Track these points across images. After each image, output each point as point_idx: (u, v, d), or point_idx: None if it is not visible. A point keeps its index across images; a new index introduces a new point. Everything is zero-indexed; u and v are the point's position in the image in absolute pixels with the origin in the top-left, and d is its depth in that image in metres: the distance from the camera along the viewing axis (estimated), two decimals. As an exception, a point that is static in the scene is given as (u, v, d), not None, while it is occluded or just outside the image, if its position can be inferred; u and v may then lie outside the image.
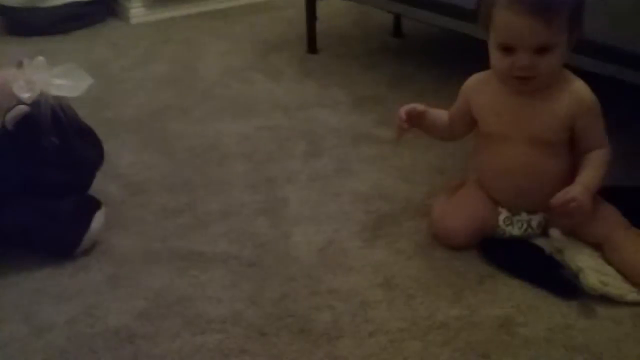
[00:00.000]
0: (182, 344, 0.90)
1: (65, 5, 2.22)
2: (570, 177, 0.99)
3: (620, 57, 1.14)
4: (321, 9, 1.92)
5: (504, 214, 1.04)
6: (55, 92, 1.07)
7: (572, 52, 0.99)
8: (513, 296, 0.96)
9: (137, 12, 2.32)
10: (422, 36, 2.04)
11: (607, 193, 1.01)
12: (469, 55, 1.17)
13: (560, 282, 0.96)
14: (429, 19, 1.57)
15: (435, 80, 1.70)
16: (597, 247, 0.99)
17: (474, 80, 1.07)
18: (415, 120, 1.08)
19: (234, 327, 0.92)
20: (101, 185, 1.23)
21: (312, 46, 1.94)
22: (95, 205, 1.12)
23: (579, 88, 0.99)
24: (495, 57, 0.98)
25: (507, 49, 0.95)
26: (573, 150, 1.01)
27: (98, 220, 1.10)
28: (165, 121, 1.56)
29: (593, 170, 0.97)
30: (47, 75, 1.07)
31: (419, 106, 1.07)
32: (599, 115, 0.99)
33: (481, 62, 1.05)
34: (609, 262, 0.97)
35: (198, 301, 0.98)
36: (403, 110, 1.07)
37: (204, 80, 1.79)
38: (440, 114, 1.10)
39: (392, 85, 1.69)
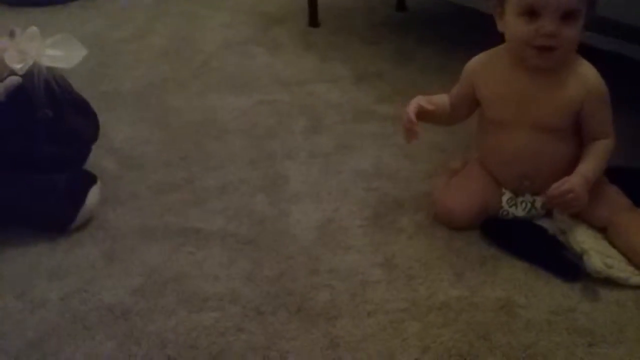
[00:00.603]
0: (178, 322, 0.88)
1: (62, -25, 2.17)
2: (576, 160, 0.97)
3: (624, 31, 1.11)
4: (323, -19, 1.88)
5: (507, 195, 1.02)
6: (48, 63, 1.04)
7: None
8: (515, 277, 0.95)
9: (135, -17, 2.26)
10: (426, 10, 2.00)
11: (611, 174, 0.99)
12: (473, 30, 1.14)
13: (564, 264, 0.94)
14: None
15: (439, 56, 1.66)
16: (602, 229, 0.97)
17: (477, 62, 1.03)
18: (422, 118, 1.02)
19: (230, 305, 0.91)
20: (97, 159, 1.21)
21: (313, 19, 1.90)
22: (90, 180, 1.10)
23: (588, 73, 0.96)
24: (516, 24, 0.93)
25: (532, 14, 0.91)
26: (579, 133, 0.98)
27: (93, 195, 1.08)
28: (162, 95, 1.53)
29: (594, 160, 0.95)
30: (40, 46, 1.04)
31: (426, 104, 1.02)
32: (607, 103, 0.96)
33: (486, 37, 1.02)
34: (613, 245, 0.95)
35: (194, 278, 0.96)
36: (411, 111, 1.00)
37: (203, 54, 1.75)
38: (442, 102, 1.06)
39: (395, 61, 1.66)
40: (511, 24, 0.94)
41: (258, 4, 2.11)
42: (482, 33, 1.04)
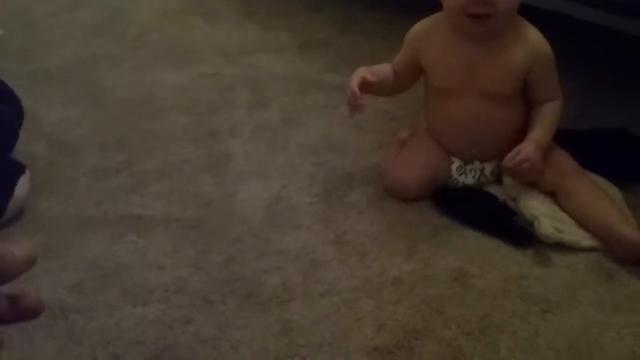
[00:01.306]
0: (122, 317, 0.84)
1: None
2: (524, 125, 0.95)
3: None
4: (262, -56, 1.79)
5: (457, 164, 1.00)
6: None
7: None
8: (467, 247, 0.93)
9: (61, -49, 2.11)
10: (370, -27, 1.94)
11: (558, 136, 0.98)
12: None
13: (515, 231, 0.94)
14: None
15: (385, 22, 1.62)
16: (551, 194, 0.97)
17: (421, 29, 0.99)
18: (366, 90, 0.99)
19: (177, 296, 0.86)
20: (26, 146, 1.13)
21: (253, -14, 1.81)
22: (18, 169, 1.02)
23: (534, 37, 0.94)
24: None
25: None
26: (527, 98, 0.97)
27: (22, 186, 1.00)
28: (95, 72, 1.44)
29: (545, 125, 0.94)
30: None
31: (369, 76, 0.98)
32: (553, 66, 0.95)
33: (430, 2, 0.98)
34: (563, 209, 0.94)
35: (137, 269, 0.91)
36: (355, 85, 0.96)
37: (137, 26, 1.65)
38: (386, 72, 1.02)
39: (340, 28, 1.61)
40: None
41: (195, -29, 2.01)
42: (426, -3, 1.00)
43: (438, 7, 0.98)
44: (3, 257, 0.36)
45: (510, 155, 0.92)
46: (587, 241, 0.91)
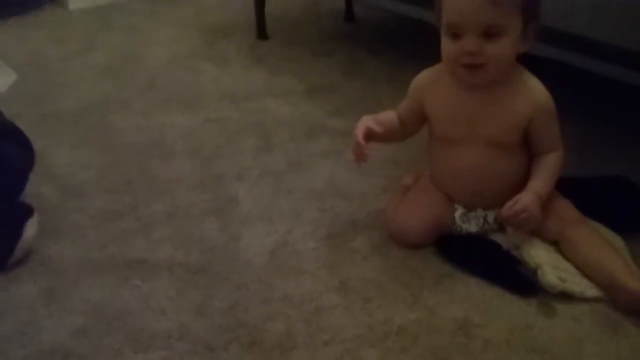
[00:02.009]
0: (124, 363, 0.83)
1: (-2, -11, 2.08)
2: (526, 174, 0.96)
3: (578, 44, 1.12)
4: (271, -8, 1.85)
5: (459, 211, 1.01)
6: (-26, 89, 0.98)
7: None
8: (471, 295, 0.93)
9: (76, -3, 2.19)
10: (375, 21, 1.99)
11: (560, 185, 0.99)
12: (422, 41, 1.13)
13: (519, 279, 0.94)
14: (381, 4, 1.53)
15: (389, 67, 1.65)
16: (553, 242, 0.97)
17: (425, 77, 1.02)
18: (371, 138, 1.00)
19: (179, 342, 0.86)
20: (34, 188, 1.15)
21: (261, 32, 1.86)
22: (27, 211, 1.03)
23: (535, 88, 0.95)
24: (445, 43, 0.94)
25: (456, 34, 0.92)
26: (528, 148, 0.98)
27: (30, 228, 1.01)
28: (105, 115, 1.47)
29: (545, 175, 0.95)
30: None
31: (374, 126, 0.99)
32: (554, 117, 0.96)
33: (434, 48, 1.00)
34: (566, 258, 0.95)
35: (141, 314, 0.91)
36: (359, 135, 0.98)
37: (148, 70, 1.69)
38: (391, 120, 1.04)
39: (346, 73, 1.64)
40: (443, 43, 0.95)
41: (204, 17, 2.06)
42: (430, 44, 1.02)
43: (440, 56, 1.01)
44: None
45: (508, 204, 0.92)
46: (590, 291, 0.91)
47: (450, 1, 0.91)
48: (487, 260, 0.97)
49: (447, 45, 0.93)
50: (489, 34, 0.90)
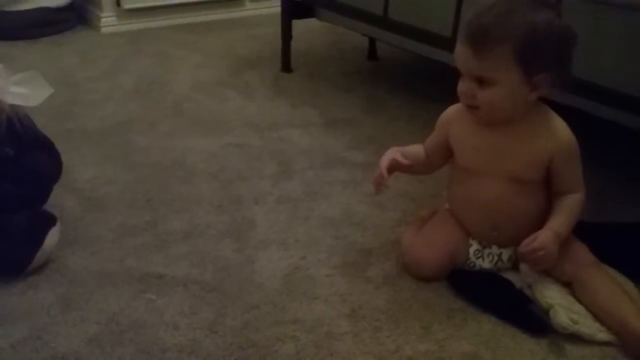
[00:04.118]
0: (134, 374, 0.84)
1: (35, 11, 2.16)
2: (545, 213, 0.97)
3: (597, 93, 1.14)
4: (297, 28, 1.91)
5: (474, 246, 1.02)
6: (12, 100, 1.02)
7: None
8: (482, 331, 0.94)
9: (109, 22, 2.27)
10: (397, 60, 2.04)
11: (576, 228, 1.00)
12: (443, 82, 1.16)
13: (530, 318, 0.94)
14: (405, 44, 1.57)
15: (409, 105, 1.69)
16: (566, 283, 0.97)
17: (452, 111, 1.05)
18: (396, 170, 1.03)
19: (190, 357, 0.87)
20: (58, 199, 1.18)
21: (286, 65, 1.92)
22: (50, 221, 1.06)
23: (559, 128, 0.97)
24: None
25: (461, 75, 0.96)
26: (549, 187, 0.99)
27: (52, 237, 1.04)
28: (130, 134, 1.51)
29: (564, 215, 0.95)
30: (5, 83, 1.01)
31: (400, 158, 1.02)
32: (576, 158, 0.97)
33: (453, 90, 1.03)
34: (579, 300, 0.95)
35: (154, 327, 0.92)
36: (384, 167, 1.00)
37: (174, 94, 1.74)
38: (417, 153, 1.07)
39: (366, 109, 1.68)
40: None
41: (232, 47, 2.13)
42: (450, 85, 1.05)
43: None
44: None
45: (526, 241, 0.93)
46: (601, 334, 0.91)
47: (456, 45, 0.95)
48: (499, 297, 0.98)
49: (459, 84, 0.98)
50: (481, 81, 0.93)
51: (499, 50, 0.90)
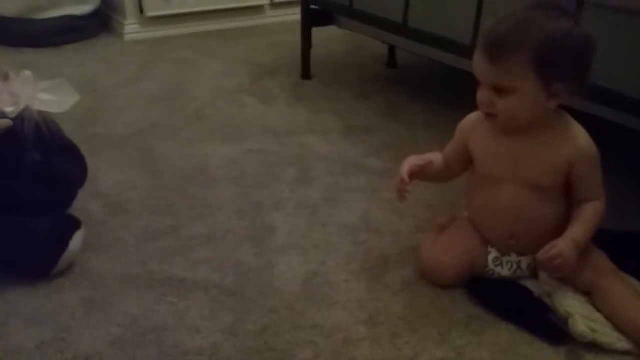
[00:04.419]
0: (156, 376, 0.86)
1: (60, 18, 2.21)
2: (564, 222, 0.97)
3: (614, 99, 1.14)
4: (317, 35, 1.92)
5: (493, 254, 1.02)
6: (40, 107, 1.05)
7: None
8: (500, 339, 0.94)
9: (132, 29, 2.31)
10: (416, 68, 2.04)
11: (596, 237, 1.00)
12: (462, 89, 1.17)
13: (549, 327, 0.94)
14: (424, 52, 1.58)
15: (428, 112, 1.69)
16: (586, 292, 0.97)
17: (472, 119, 1.05)
18: (416, 177, 1.04)
19: (210, 360, 0.89)
20: (82, 203, 1.20)
21: (306, 72, 1.93)
22: (75, 224, 1.08)
23: (579, 135, 0.96)
24: None
25: (479, 84, 0.97)
26: (568, 195, 0.99)
27: (77, 240, 1.06)
28: (153, 140, 1.53)
29: (584, 224, 0.95)
30: (33, 90, 1.04)
31: (419, 161, 1.04)
32: (597, 166, 0.97)
33: (472, 97, 1.04)
34: (598, 309, 0.94)
35: (175, 330, 0.94)
36: (405, 173, 1.01)
37: (196, 101, 1.77)
38: (436, 161, 1.07)
39: (384, 116, 1.69)
40: None
41: (252, 55, 2.15)
42: (468, 92, 1.06)
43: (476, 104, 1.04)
44: None
45: (544, 249, 0.93)
46: (620, 343, 0.90)
47: (474, 54, 0.96)
48: (518, 305, 0.98)
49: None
50: (498, 90, 0.93)
51: (516, 59, 0.90)
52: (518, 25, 0.91)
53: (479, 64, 0.94)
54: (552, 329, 0.93)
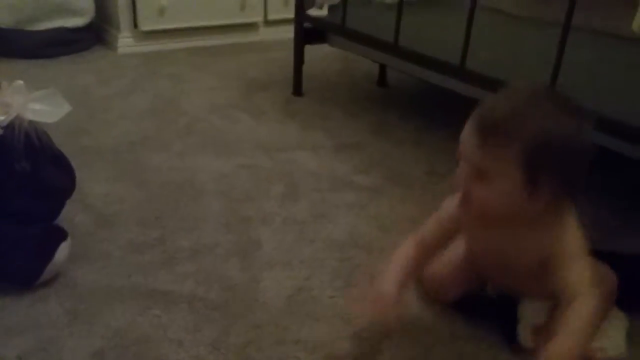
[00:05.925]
0: (137, 389, 0.86)
1: (54, 30, 2.23)
2: (550, 257, 0.90)
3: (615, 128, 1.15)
4: (309, 53, 1.95)
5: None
6: (31, 116, 1.05)
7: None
8: (483, 357, 0.94)
9: (126, 42, 2.33)
10: (406, 87, 2.07)
11: (602, 258, 0.96)
12: (451, 109, 1.19)
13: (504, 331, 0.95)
14: (414, 72, 1.60)
15: (417, 131, 1.71)
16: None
17: (449, 208, 0.96)
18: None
19: (193, 374, 0.88)
20: (69, 214, 1.20)
21: (297, 89, 1.95)
22: (61, 235, 1.08)
23: (567, 231, 0.88)
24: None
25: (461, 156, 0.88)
26: (554, 220, 0.92)
27: (62, 251, 1.06)
28: (142, 153, 1.54)
29: (572, 332, 0.82)
30: (25, 99, 1.05)
31: (398, 292, 0.92)
32: (577, 260, 0.87)
33: (460, 117, 1.05)
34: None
35: (158, 343, 0.94)
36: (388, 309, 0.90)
37: (187, 115, 1.78)
38: (405, 268, 0.97)
39: (374, 133, 1.70)
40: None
41: (245, 71, 2.17)
42: (457, 113, 1.07)
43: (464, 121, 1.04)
44: None
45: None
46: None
47: (465, 127, 0.87)
48: (505, 323, 0.98)
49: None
50: (478, 174, 0.84)
51: (506, 149, 0.82)
52: (518, 116, 0.82)
53: (467, 141, 0.85)
54: (505, 334, 0.95)
